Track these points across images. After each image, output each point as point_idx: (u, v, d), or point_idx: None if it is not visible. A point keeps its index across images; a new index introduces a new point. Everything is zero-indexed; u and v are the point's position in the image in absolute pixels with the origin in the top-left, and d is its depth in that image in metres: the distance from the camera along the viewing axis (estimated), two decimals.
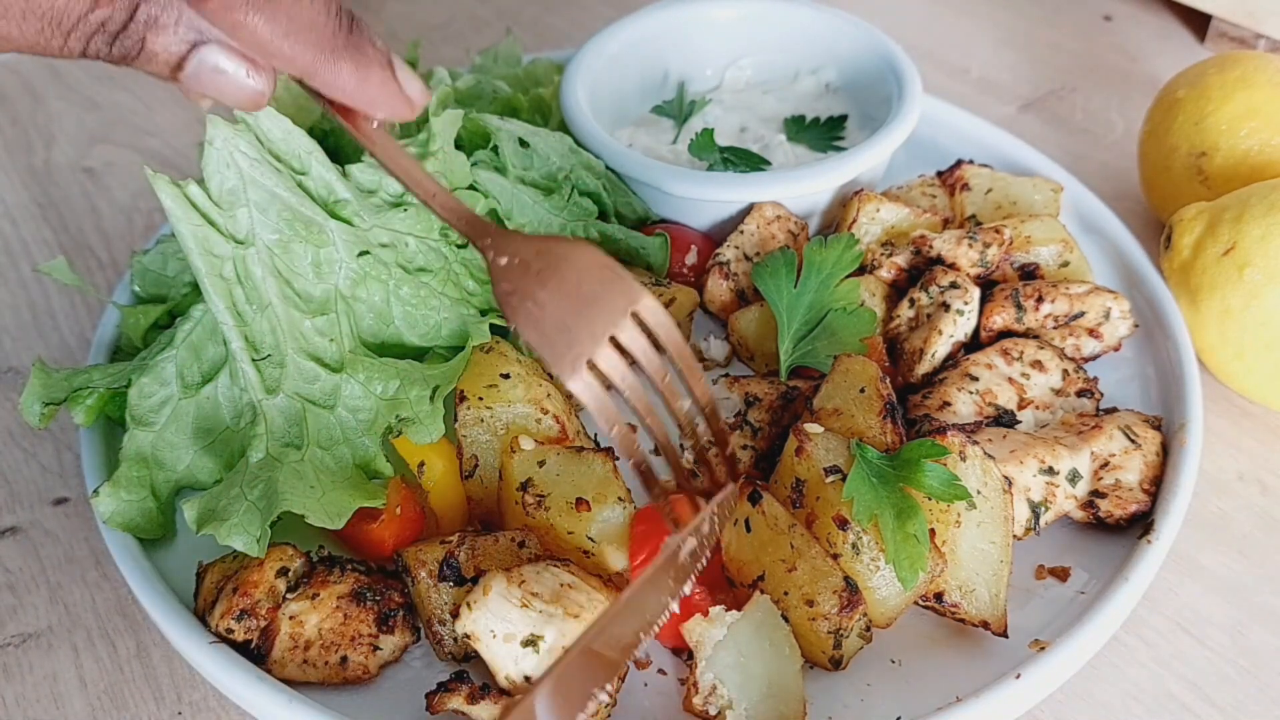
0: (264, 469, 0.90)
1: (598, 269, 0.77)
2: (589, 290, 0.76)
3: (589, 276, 0.77)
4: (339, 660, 0.85)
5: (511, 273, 0.77)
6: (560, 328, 0.75)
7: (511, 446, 0.92)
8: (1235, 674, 0.91)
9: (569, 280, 0.76)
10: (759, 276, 1.07)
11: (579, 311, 0.76)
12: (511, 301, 0.76)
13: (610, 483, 0.91)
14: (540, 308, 0.75)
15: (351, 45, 0.73)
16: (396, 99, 0.77)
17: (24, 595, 0.98)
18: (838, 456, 0.88)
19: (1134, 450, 0.97)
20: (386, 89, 0.76)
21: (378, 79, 0.76)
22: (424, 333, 0.99)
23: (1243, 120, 1.18)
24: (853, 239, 1.07)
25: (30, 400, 0.96)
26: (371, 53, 0.75)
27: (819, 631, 0.83)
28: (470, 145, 1.12)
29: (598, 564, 0.89)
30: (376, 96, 0.76)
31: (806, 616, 0.83)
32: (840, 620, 0.82)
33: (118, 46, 0.67)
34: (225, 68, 0.70)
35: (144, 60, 0.69)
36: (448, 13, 1.77)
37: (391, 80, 0.77)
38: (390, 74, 0.77)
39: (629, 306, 0.77)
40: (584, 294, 0.76)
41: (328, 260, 0.95)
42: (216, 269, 0.92)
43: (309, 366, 0.94)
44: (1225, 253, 1.06)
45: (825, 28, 1.35)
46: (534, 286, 0.76)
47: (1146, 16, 1.72)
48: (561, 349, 0.75)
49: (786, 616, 0.84)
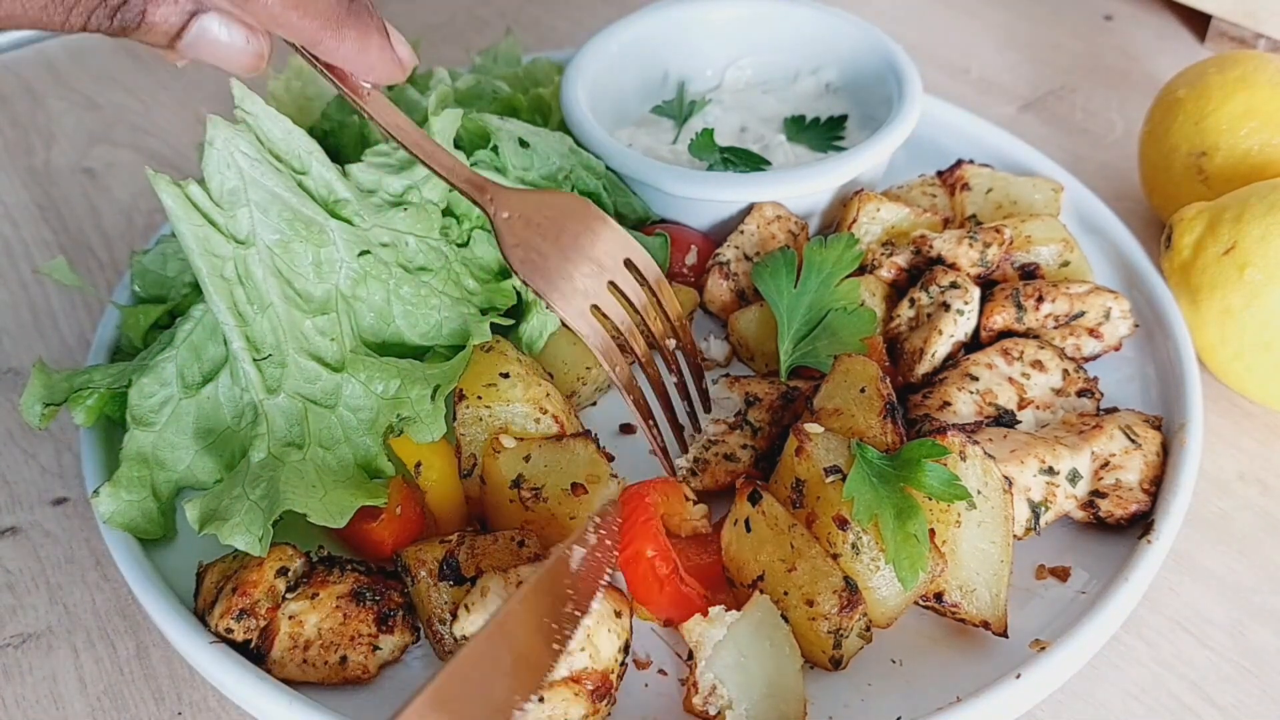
0: (265, 468, 0.90)
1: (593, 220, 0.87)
2: (586, 242, 0.86)
3: (586, 229, 0.86)
4: (338, 660, 0.85)
5: (514, 226, 0.84)
6: (565, 276, 0.84)
7: (493, 447, 0.93)
8: (1235, 674, 0.91)
9: (568, 232, 0.85)
10: (759, 276, 1.07)
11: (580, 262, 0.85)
12: (517, 254, 0.84)
13: (598, 463, 0.92)
14: (545, 259, 0.84)
15: (353, 14, 0.77)
16: (392, 64, 0.82)
17: (24, 596, 0.98)
18: (838, 456, 0.88)
19: (1134, 450, 0.97)
20: (384, 55, 0.80)
21: (376, 45, 0.79)
22: (425, 332, 0.99)
23: (1243, 120, 1.18)
24: (853, 239, 1.07)
25: (30, 401, 0.96)
26: (370, 21, 0.79)
27: (819, 631, 0.83)
28: (470, 145, 1.12)
29: None
30: (375, 63, 0.80)
31: (806, 616, 0.83)
32: (840, 620, 0.82)
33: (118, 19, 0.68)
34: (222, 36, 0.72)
35: (143, 32, 0.70)
36: (448, 12, 1.77)
37: (388, 46, 0.81)
38: (386, 40, 0.81)
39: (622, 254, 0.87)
40: (582, 245, 0.86)
41: (328, 260, 0.95)
42: (217, 269, 0.92)
43: (310, 366, 0.94)
44: (1225, 252, 1.06)
45: (825, 28, 1.35)
46: (537, 239, 0.84)
47: (1146, 16, 1.72)
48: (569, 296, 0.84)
49: (786, 616, 0.84)
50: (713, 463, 0.98)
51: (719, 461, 0.98)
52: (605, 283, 0.86)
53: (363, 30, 0.78)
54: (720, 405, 1.02)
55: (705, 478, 0.97)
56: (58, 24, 0.67)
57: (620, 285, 0.86)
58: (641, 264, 0.88)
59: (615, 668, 0.82)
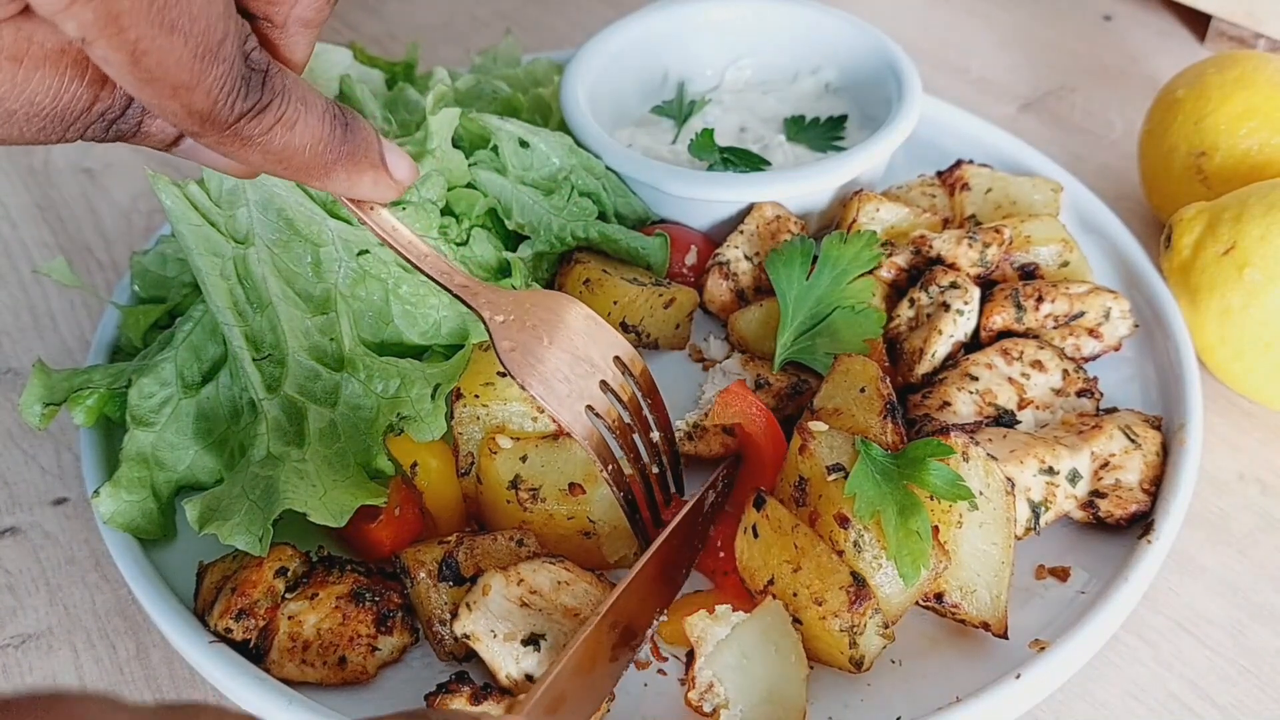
0: (265, 468, 0.90)
1: (584, 320, 0.89)
2: (580, 342, 0.88)
3: (578, 328, 0.89)
4: (337, 660, 0.85)
5: (510, 329, 0.86)
6: (561, 378, 0.86)
7: (490, 448, 0.93)
8: (1235, 674, 0.91)
9: (560, 333, 0.88)
10: (772, 264, 1.06)
11: (574, 363, 0.87)
12: (514, 358, 0.85)
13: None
14: (541, 362, 0.86)
15: (345, 154, 0.72)
16: (386, 190, 0.77)
17: (24, 596, 0.98)
18: (841, 454, 0.88)
19: (1134, 450, 0.97)
20: (377, 186, 0.76)
21: (369, 180, 0.75)
22: (423, 331, 0.99)
23: (1242, 120, 1.18)
24: (873, 236, 1.06)
25: (30, 401, 0.96)
26: (363, 153, 0.74)
27: (832, 631, 0.82)
28: (470, 145, 1.12)
29: (599, 546, 0.90)
30: (366, 193, 0.76)
31: (818, 616, 0.83)
32: (851, 616, 0.82)
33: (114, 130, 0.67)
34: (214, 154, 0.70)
35: (140, 139, 0.69)
36: (448, 13, 1.77)
37: (382, 176, 0.76)
38: (381, 171, 0.76)
39: (612, 353, 0.90)
40: (575, 345, 0.88)
41: (327, 259, 0.96)
42: (217, 268, 0.92)
43: (310, 365, 0.94)
44: (1225, 252, 1.06)
45: (825, 28, 1.35)
46: (532, 342, 0.86)
47: (1146, 16, 1.72)
48: (565, 399, 0.86)
49: (800, 619, 0.84)
50: (709, 431, 0.99)
51: (715, 433, 1.00)
52: (598, 381, 0.88)
53: (353, 166, 0.73)
54: (729, 376, 1.03)
55: (700, 444, 0.99)
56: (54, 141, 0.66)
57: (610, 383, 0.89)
58: (628, 359, 0.90)
59: None
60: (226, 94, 0.62)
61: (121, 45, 0.56)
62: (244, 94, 0.63)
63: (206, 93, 0.61)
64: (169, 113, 0.61)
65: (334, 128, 0.70)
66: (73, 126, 0.65)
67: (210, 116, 0.62)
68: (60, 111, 0.64)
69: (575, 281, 1.08)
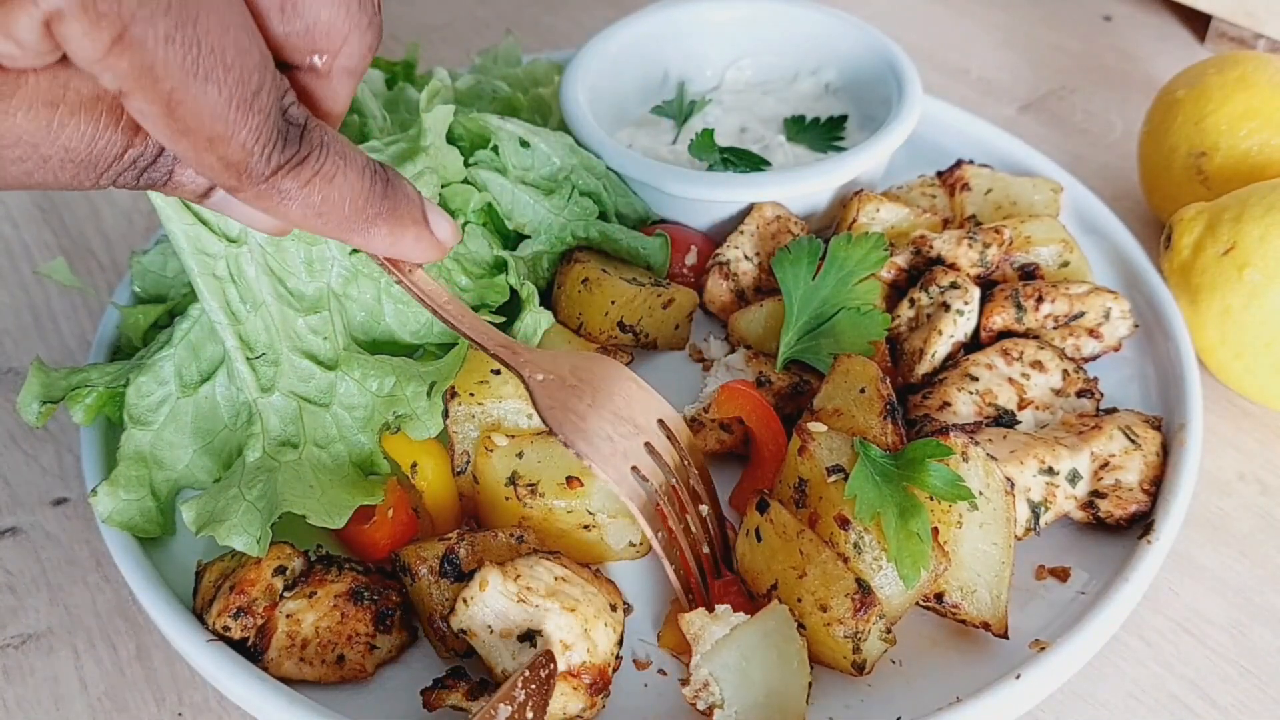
0: (261, 468, 0.90)
1: (626, 382, 0.88)
2: (622, 404, 0.87)
3: (620, 390, 0.88)
4: (335, 659, 0.85)
5: (550, 388, 0.85)
6: (605, 438, 0.85)
7: (485, 446, 0.93)
8: (1235, 674, 0.91)
9: (602, 394, 0.86)
10: (779, 263, 1.06)
11: (617, 423, 0.86)
12: (555, 415, 0.84)
13: None
14: (584, 420, 0.85)
15: (386, 210, 0.70)
16: (429, 249, 0.75)
17: (24, 597, 0.98)
18: (841, 456, 0.88)
19: (1134, 450, 0.97)
20: (419, 244, 0.74)
21: (411, 236, 0.73)
22: (415, 330, 0.99)
23: (1242, 120, 1.18)
24: (881, 238, 1.06)
25: (28, 398, 0.96)
26: (405, 210, 0.72)
27: (836, 636, 0.82)
28: (470, 145, 1.12)
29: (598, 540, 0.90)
30: (408, 252, 0.74)
31: (822, 622, 0.83)
32: (856, 623, 0.82)
33: (145, 178, 0.66)
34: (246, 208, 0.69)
35: (171, 188, 0.68)
36: (448, 14, 1.77)
37: (425, 234, 0.74)
38: (424, 229, 0.74)
39: (656, 415, 0.89)
40: (618, 407, 0.86)
41: (320, 258, 0.95)
42: (209, 268, 0.92)
43: (304, 364, 0.94)
44: (1225, 253, 1.06)
45: (825, 28, 1.35)
46: (574, 400, 0.85)
47: (1146, 17, 1.72)
48: (612, 459, 0.84)
49: (804, 624, 0.84)
50: (707, 426, 1.00)
51: (713, 428, 1.00)
52: (642, 444, 0.86)
53: (395, 223, 0.71)
54: (731, 372, 1.03)
55: (696, 439, 0.99)
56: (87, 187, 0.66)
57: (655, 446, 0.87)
58: (674, 425, 0.89)
59: (612, 661, 0.83)
60: (263, 146, 0.61)
61: (156, 97, 0.56)
62: (280, 147, 0.62)
63: (242, 145, 0.60)
64: (206, 166, 0.60)
65: (374, 183, 0.69)
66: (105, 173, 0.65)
67: (246, 169, 0.61)
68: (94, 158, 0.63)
69: (574, 280, 1.08)
